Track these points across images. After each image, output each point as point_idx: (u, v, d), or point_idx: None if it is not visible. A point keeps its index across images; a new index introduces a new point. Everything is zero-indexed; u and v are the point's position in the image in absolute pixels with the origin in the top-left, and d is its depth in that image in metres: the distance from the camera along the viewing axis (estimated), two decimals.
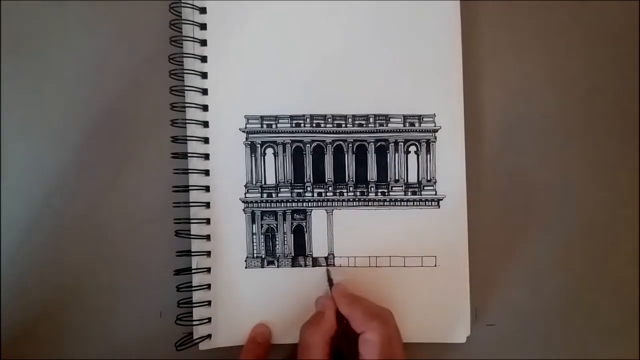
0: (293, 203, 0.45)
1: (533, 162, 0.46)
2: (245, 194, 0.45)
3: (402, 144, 0.45)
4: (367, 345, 0.37)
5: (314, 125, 0.45)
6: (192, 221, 0.44)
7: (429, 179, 0.45)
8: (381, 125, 0.45)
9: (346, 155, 0.45)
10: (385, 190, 0.45)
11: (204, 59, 0.44)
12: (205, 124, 0.44)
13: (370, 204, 0.45)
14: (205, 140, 0.44)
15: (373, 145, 0.45)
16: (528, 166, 0.46)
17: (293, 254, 0.45)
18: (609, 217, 0.46)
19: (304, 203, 0.45)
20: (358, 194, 0.45)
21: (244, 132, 0.45)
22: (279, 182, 0.45)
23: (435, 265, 0.44)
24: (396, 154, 0.45)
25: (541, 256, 0.46)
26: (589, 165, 0.46)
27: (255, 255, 0.44)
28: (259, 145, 0.45)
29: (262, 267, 0.45)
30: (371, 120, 0.45)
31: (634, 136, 0.47)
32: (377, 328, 0.37)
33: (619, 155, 0.47)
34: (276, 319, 0.44)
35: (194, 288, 0.43)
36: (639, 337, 0.46)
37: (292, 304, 0.44)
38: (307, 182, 0.45)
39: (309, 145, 0.45)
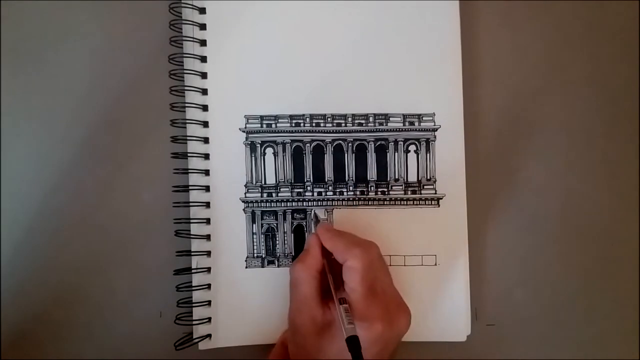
0: (293, 202, 0.45)
1: (533, 161, 0.46)
2: (245, 193, 0.45)
3: (401, 143, 0.45)
4: (349, 272, 0.37)
5: (314, 124, 0.45)
6: (192, 221, 0.44)
7: (428, 178, 0.45)
8: (381, 124, 0.45)
9: (346, 155, 0.45)
10: (385, 190, 0.45)
11: (203, 59, 0.44)
12: (205, 124, 0.44)
13: (370, 203, 0.45)
14: (205, 140, 0.44)
15: (373, 145, 0.45)
16: (528, 166, 0.46)
17: (293, 254, 0.45)
18: (609, 217, 0.46)
19: (304, 202, 0.45)
20: (358, 193, 0.45)
21: (243, 132, 0.45)
22: (279, 181, 0.45)
23: (435, 265, 0.44)
24: (396, 153, 0.45)
25: (541, 256, 0.46)
26: (589, 165, 0.46)
27: (255, 254, 0.44)
28: (258, 145, 0.45)
29: (263, 266, 0.44)
30: (371, 119, 0.45)
31: (634, 136, 0.47)
32: (358, 255, 0.37)
33: (619, 155, 0.47)
34: (276, 318, 0.44)
35: (193, 288, 0.43)
36: (639, 337, 0.46)
37: None
38: (307, 181, 0.45)
39: (308, 144, 0.45)
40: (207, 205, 0.44)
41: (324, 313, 0.38)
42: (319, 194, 0.45)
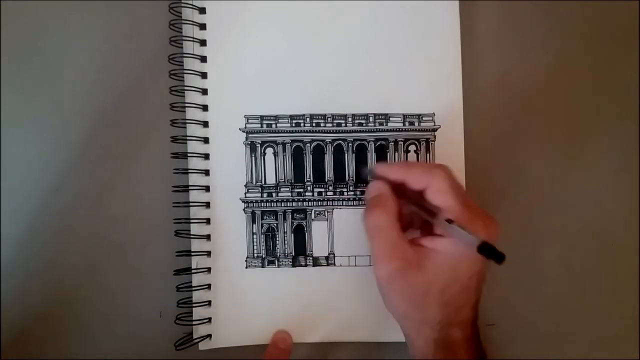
0: (293, 202, 0.45)
1: (533, 161, 0.46)
2: (245, 193, 0.45)
3: (401, 143, 0.45)
4: (440, 194, 0.36)
5: (314, 124, 0.45)
6: (192, 221, 0.44)
7: None
8: (381, 124, 0.45)
9: (346, 155, 0.45)
10: None
11: (203, 59, 0.44)
12: (205, 124, 0.44)
13: None
14: (205, 140, 0.44)
15: (373, 145, 0.45)
16: (527, 165, 0.46)
17: (293, 254, 0.45)
18: (609, 217, 0.46)
19: (304, 202, 0.45)
20: (358, 193, 0.45)
21: (243, 131, 0.45)
22: (279, 181, 0.45)
23: None
24: (396, 153, 0.45)
25: (541, 256, 0.46)
26: (589, 165, 0.46)
27: (255, 255, 0.44)
28: (258, 145, 0.45)
29: (263, 266, 0.44)
30: (371, 119, 0.45)
31: (634, 136, 0.47)
32: (442, 174, 0.36)
33: (619, 155, 0.47)
34: (277, 318, 0.44)
35: (194, 288, 0.43)
36: (639, 337, 0.46)
37: (293, 304, 0.44)
38: (307, 181, 0.45)
39: (308, 144, 0.45)
40: (207, 205, 0.44)
41: (416, 251, 0.37)
42: (319, 194, 0.45)
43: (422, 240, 0.38)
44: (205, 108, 0.44)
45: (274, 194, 0.45)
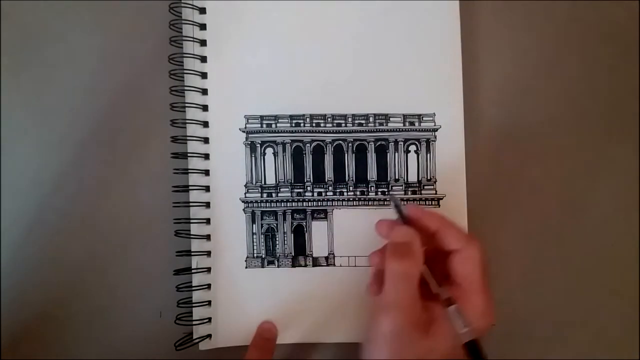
0: (293, 203, 0.45)
1: (533, 161, 0.46)
2: (245, 193, 0.45)
3: (402, 143, 0.45)
4: (469, 262, 0.35)
5: (314, 125, 0.45)
6: (192, 221, 0.44)
7: (429, 178, 0.45)
8: (381, 124, 0.45)
9: (346, 155, 0.45)
10: (386, 190, 0.45)
11: (203, 59, 0.44)
12: (205, 124, 0.44)
13: (370, 203, 0.45)
14: (205, 140, 0.44)
15: (373, 145, 0.45)
16: (528, 165, 0.46)
17: (293, 254, 0.45)
18: (609, 217, 0.46)
19: (304, 203, 0.45)
20: (358, 193, 0.45)
21: (244, 132, 0.45)
22: (279, 181, 0.45)
23: None
24: (396, 154, 0.45)
25: (541, 256, 0.46)
26: (589, 165, 0.46)
27: (255, 255, 0.44)
28: (258, 145, 0.45)
29: (262, 266, 0.44)
30: (371, 119, 0.45)
31: (634, 136, 0.47)
32: (478, 245, 0.35)
33: (619, 155, 0.47)
34: (276, 318, 0.44)
35: (194, 288, 0.43)
36: (639, 337, 0.46)
37: (293, 304, 0.44)
38: (307, 181, 0.45)
39: (308, 145, 0.45)
40: (207, 205, 0.44)
41: (426, 311, 0.35)
42: (319, 194, 0.45)
43: (434, 302, 0.36)
44: (205, 108, 0.44)
45: (273, 194, 0.45)
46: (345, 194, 0.45)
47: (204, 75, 0.44)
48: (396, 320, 0.34)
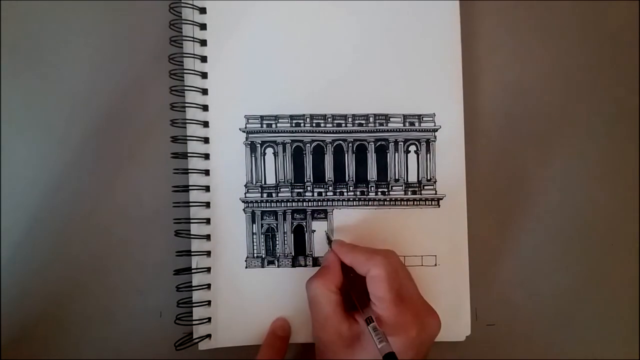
0: (293, 203, 0.45)
1: (533, 161, 0.46)
2: (245, 193, 0.45)
3: (402, 143, 0.45)
4: (375, 281, 0.37)
5: (314, 125, 0.45)
6: (192, 221, 0.44)
7: (428, 178, 0.45)
8: (381, 125, 0.45)
9: (346, 155, 0.45)
10: (385, 190, 0.45)
11: (204, 59, 0.44)
12: (205, 124, 0.44)
13: (370, 203, 0.45)
14: (205, 140, 0.44)
15: (373, 145, 0.45)
16: (528, 166, 0.46)
17: (293, 254, 0.45)
18: (609, 217, 0.46)
19: (304, 203, 0.45)
20: (358, 193, 0.45)
21: (244, 132, 0.45)
22: (279, 182, 0.45)
23: (435, 265, 0.44)
24: (396, 154, 0.45)
25: (541, 256, 0.46)
26: (589, 165, 0.46)
27: (255, 255, 0.44)
28: (259, 145, 0.45)
29: (263, 267, 0.44)
30: (371, 120, 0.45)
31: (634, 136, 0.47)
32: (380, 263, 0.37)
33: (619, 155, 0.47)
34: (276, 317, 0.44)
35: (193, 288, 0.43)
36: (639, 337, 0.46)
37: (293, 304, 0.44)
38: (307, 181, 0.45)
39: (309, 145, 0.45)
40: (207, 205, 0.44)
41: (350, 326, 0.38)
42: (319, 194, 0.45)
43: (357, 315, 0.38)
44: (205, 108, 0.44)
45: (274, 194, 0.45)
46: (345, 194, 0.45)
47: (204, 75, 0.44)
48: (316, 338, 0.39)
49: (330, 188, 0.45)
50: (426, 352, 0.38)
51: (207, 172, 0.44)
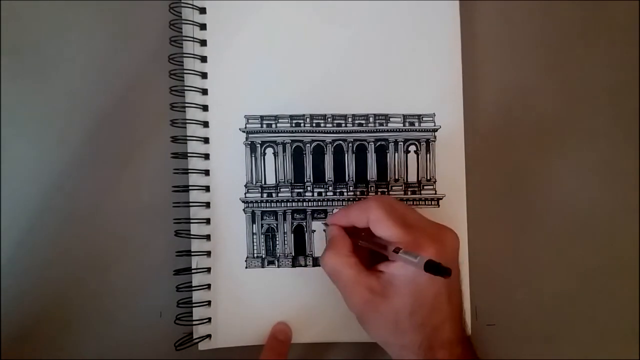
0: (293, 203, 0.45)
1: (533, 161, 0.46)
2: (245, 193, 0.45)
3: (401, 143, 0.45)
4: (377, 223, 0.37)
5: (314, 125, 0.45)
6: (192, 221, 0.44)
7: (428, 178, 0.45)
8: (381, 125, 0.45)
9: (346, 155, 0.45)
10: (385, 190, 0.45)
11: (204, 59, 0.44)
12: (205, 124, 0.44)
13: None
14: (205, 140, 0.44)
15: (373, 145, 0.45)
16: (528, 166, 0.46)
17: (293, 254, 0.45)
18: (609, 216, 0.46)
19: (304, 203, 0.45)
20: (358, 193, 0.45)
21: (244, 132, 0.45)
22: (279, 182, 0.45)
23: None
24: (396, 154, 0.45)
25: (541, 256, 0.46)
26: (589, 165, 0.46)
27: (255, 255, 0.44)
28: (259, 145, 0.45)
29: (263, 267, 0.44)
30: (371, 120, 0.45)
31: (634, 136, 0.47)
32: (374, 204, 0.38)
33: (619, 155, 0.47)
34: (276, 318, 0.44)
35: (193, 288, 0.43)
36: (639, 337, 0.46)
37: (293, 304, 0.44)
38: (307, 182, 0.45)
39: (308, 145, 0.45)
40: (207, 205, 0.44)
41: (378, 278, 0.37)
42: (319, 194, 0.45)
43: (380, 266, 0.38)
44: (205, 108, 0.44)
45: (274, 194, 0.45)
46: (345, 194, 0.45)
47: (204, 75, 0.44)
48: (352, 304, 0.38)
49: (330, 188, 0.45)
50: (458, 270, 0.39)
51: (207, 172, 0.44)
